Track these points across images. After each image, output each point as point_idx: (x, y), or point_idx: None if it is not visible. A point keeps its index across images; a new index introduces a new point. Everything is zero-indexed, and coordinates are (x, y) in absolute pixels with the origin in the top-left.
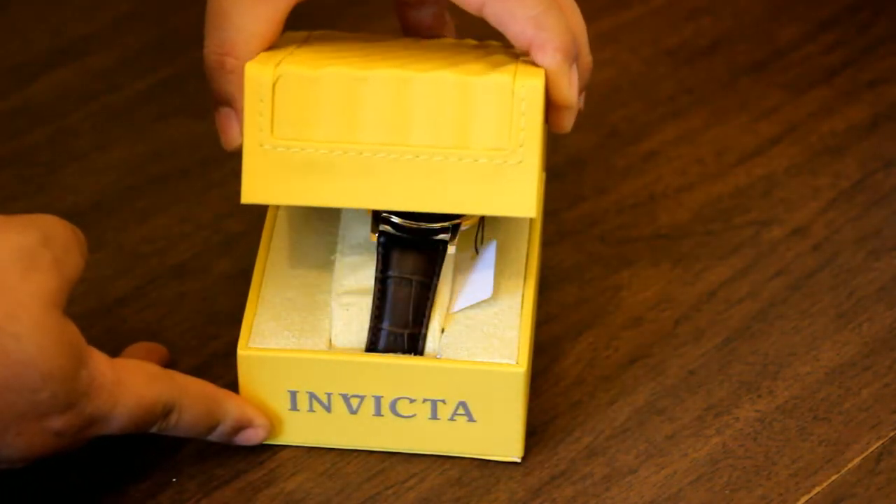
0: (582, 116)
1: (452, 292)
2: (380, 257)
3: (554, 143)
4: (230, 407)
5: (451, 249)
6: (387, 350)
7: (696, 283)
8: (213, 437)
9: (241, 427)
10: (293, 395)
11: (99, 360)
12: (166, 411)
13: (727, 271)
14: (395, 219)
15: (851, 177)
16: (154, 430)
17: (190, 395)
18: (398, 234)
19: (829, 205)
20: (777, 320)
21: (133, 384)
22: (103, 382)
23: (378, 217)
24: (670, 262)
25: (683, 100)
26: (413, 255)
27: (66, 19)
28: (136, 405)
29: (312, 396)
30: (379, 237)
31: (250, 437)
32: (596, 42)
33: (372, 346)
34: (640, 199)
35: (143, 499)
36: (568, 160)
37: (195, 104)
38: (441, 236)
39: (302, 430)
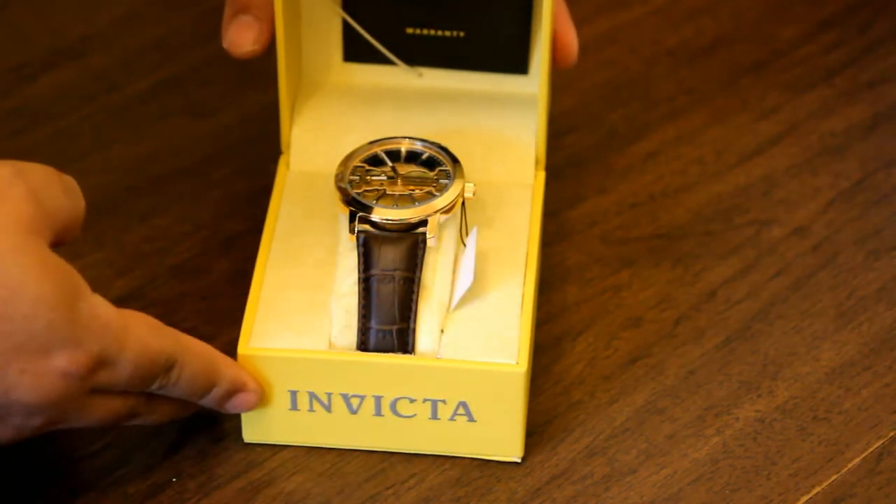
0: (582, 116)
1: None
2: (360, 257)
3: (554, 142)
4: (227, 369)
5: (430, 242)
6: (377, 349)
7: (696, 283)
8: (207, 401)
9: (235, 391)
10: (293, 394)
11: (102, 301)
12: (168, 365)
13: (727, 271)
14: (373, 217)
15: (851, 177)
16: (154, 387)
17: (191, 352)
18: (377, 231)
19: (829, 205)
20: (777, 320)
21: (139, 332)
22: (109, 322)
23: (355, 217)
24: (670, 262)
25: (683, 100)
26: (393, 251)
27: (66, 19)
28: (142, 353)
29: (312, 396)
30: (358, 237)
31: (243, 401)
32: (596, 42)
33: (363, 346)
34: (640, 199)
35: (143, 499)
36: (568, 160)
37: (195, 104)
38: (420, 229)
39: (302, 430)
